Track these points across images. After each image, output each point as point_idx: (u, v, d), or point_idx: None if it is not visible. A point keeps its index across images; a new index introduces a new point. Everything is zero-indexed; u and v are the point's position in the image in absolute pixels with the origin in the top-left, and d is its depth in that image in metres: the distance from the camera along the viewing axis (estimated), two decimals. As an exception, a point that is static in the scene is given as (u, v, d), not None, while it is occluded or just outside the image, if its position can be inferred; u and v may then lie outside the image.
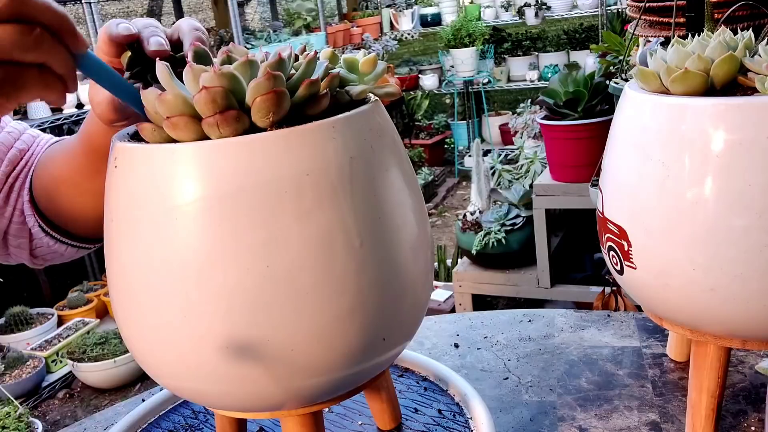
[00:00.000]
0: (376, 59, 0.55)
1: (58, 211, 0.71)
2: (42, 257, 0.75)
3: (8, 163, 0.71)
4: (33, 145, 0.74)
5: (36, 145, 0.74)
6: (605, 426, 0.70)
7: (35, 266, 0.77)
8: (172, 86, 0.48)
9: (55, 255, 0.75)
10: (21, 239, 0.72)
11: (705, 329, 0.59)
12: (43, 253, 0.74)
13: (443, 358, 0.87)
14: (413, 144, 5.43)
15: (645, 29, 1.48)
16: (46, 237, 0.72)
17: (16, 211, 0.71)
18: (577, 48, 5.23)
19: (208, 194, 0.45)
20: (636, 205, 0.58)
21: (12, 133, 0.73)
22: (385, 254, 0.49)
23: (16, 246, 0.73)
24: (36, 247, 0.73)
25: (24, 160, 0.72)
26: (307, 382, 0.49)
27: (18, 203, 0.71)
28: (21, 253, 0.74)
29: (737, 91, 0.54)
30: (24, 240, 0.73)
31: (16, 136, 0.73)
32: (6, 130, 0.73)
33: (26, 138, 0.74)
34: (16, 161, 0.72)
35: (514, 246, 2.46)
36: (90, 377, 2.87)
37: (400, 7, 5.79)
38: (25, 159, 0.72)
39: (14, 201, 0.71)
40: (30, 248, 0.73)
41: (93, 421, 0.84)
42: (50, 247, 0.73)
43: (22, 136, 0.73)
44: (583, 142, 2.15)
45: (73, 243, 0.74)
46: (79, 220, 0.72)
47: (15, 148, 0.72)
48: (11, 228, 0.72)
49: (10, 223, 0.71)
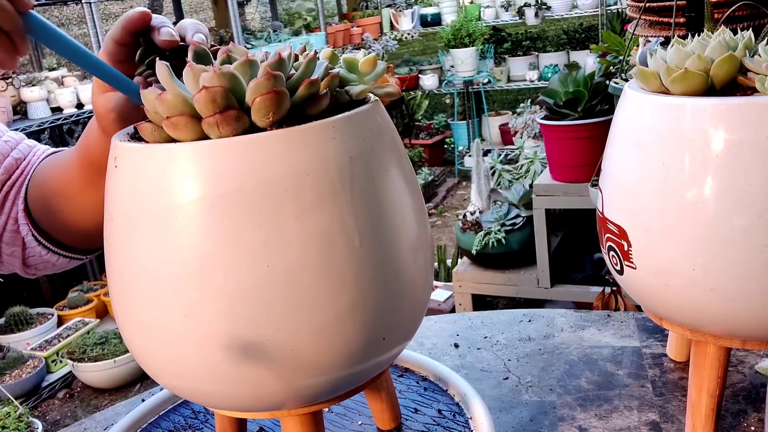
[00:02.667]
0: (376, 59, 0.55)
1: (52, 222, 0.71)
2: (34, 266, 0.75)
3: (4, 171, 0.71)
4: (29, 155, 0.74)
5: (32, 155, 0.74)
6: (605, 426, 0.70)
7: (27, 275, 0.77)
8: (172, 86, 0.48)
9: (47, 265, 0.75)
10: (14, 247, 0.73)
11: (705, 329, 0.59)
12: (35, 262, 0.74)
13: (443, 358, 0.87)
14: (413, 144, 5.44)
15: (645, 29, 1.48)
16: (38, 246, 0.72)
17: (10, 220, 0.72)
18: (577, 48, 5.23)
19: (208, 194, 0.45)
20: (636, 205, 0.58)
21: (9, 142, 0.73)
22: (385, 254, 0.49)
23: (9, 254, 0.73)
24: (29, 256, 0.74)
25: (20, 170, 0.73)
26: (307, 382, 0.49)
27: (12, 212, 0.72)
28: (13, 261, 0.74)
29: (737, 91, 0.54)
30: (17, 248, 0.73)
31: (13, 145, 0.74)
32: (2, 139, 0.73)
33: (23, 148, 0.74)
34: (11, 170, 0.72)
35: (514, 246, 2.46)
36: (90, 377, 2.87)
37: (400, 7, 5.79)
38: (20, 168, 0.73)
39: (8, 209, 0.72)
40: (23, 257, 0.74)
41: (93, 421, 0.84)
42: (42, 257, 0.73)
43: (18, 145, 0.74)
44: (583, 142, 2.15)
45: (66, 254, 0.74)
46: (72, 231, 0.72)
47: (11, 157, 0.72)
48: (5, 236, 0.72)
49: (3, 231, 0.72)
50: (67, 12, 4.84)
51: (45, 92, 3.20)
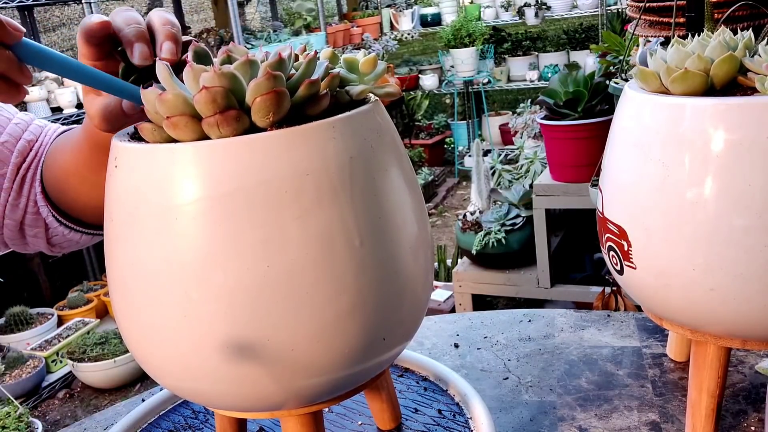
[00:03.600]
0: (376, 59, 0.55)
1: (69, 201, 0.72)
2: (59, 245, 0.76)
3: (18, 154, 0.72)
4: (41, 135, 0.74)
5: (44, 135, 0.74)
6: (605, 426, 0.70)
7: (53, 254, 0.78)
8: (172, 86, 0.48)
9: (71, 243, 0.76)
10: (37, 229, 0.74)
11: (705, 329, 0.59)
12: (59, 241, 0.75)
13: (443, 358, 0.87)
14: (413, 144, 5.44)
15: (645, 29, 1.48)
16: (60, 226, 0.73)
17: (30, 202, 0.72)
18: (577, 48, 5.23)
19: (209, 194, 0.45)
20: (636, 205, 0.58)
21: (19, 125, 0.74)
22: (385, 254, 0.49)
23: (33, 235, 0.74)
24: (52, 235, 0.75)
25: (33, 151, 0.73)
26: (307, 382, 0.49)
27: (31, 194, 0.72)
28: (38, 242, 0.75)
29: (737, 91, 0.54)
30: (40, 230, 0.74)
31: (24, 127, 0.74)
32: (13, 122, 0.73)
33: (34, 129, 0.74)
34: (25, 152, 0.72)
35: (514, 246, 2.46)
36: (90, 377, 2.87)
37: (400, 7, 5.79)
38: (34, 150, 0.73)
39: (27, 192, 0.72)
40: (47, 237, 0.75)
41: (93, 421, 0.84)
42: (65, 236, 0.74)
43: (29, 126, 0.74)
44: (583, 142, 2.15)
45: (87, 231, 0.75)
46: (88, 209, 0.72)
47: (23, 140, 0.73)
48: (26, 218, 0.73)
49: (24, 213, 0.73)
50: (69, 12, 4.84)
51: (45, 92, 3.20)
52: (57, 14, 4.79)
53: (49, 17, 4.69)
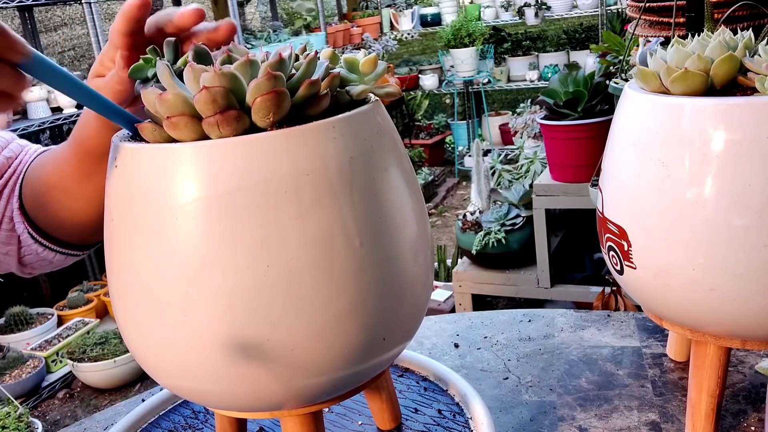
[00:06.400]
0: (377, 59, 0.55)
1: (49, 217, 0.72)
2: (30, 265, 0.75)
3: None
4: (21, 153, 0.75)
5: (24, 154, 0.75)
6: (605, 426, 0.70)
7: (23, 275, 0.77)
8: (172, 86, 0.48)
9: (43, 263, 0.75)
10: (9, 247, 0.73)
11: (705, 329, 0.59)
12: (31, 260, 0.74)
13: (443, 358, 0.88)
14: (413, 144, 5.44)
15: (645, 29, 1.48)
16: (35, 244, 0.72)
17: (5, 219, 0.72)
18: (577, 48, 5.23)
19: (208, 194, 0.45)
20: (636, 205, 0.58)
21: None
22: (385, 254, 0.49)
23: (4, 253, 0.73)
24: (24, 254, 0.74)
25: (12, 168, 0.73)
26: (307, 382, 0.49)
27: (7, 210, 0.72)
28: (9, 260, 0.74)
29: (737, 91, 0.54)
30: (13, 248, 0.73)
31: (4, 144, 0.74)
32: None
33: (14, 147, 0.75)
34: (3, 169, 0.73)
35: (514, 246, 2.46)
36: (90, 377, 2.87)
37: (400, 7, 5.79)
38: (12, 167, 0.73)
39: (2, 208, 0.72)
40: (18, 256, 0.74)
41: (93, 421, 0.84)
42: (38, 255, 0.74)
43: (9, 145, 0.75)
44: (583, 142, 2.16)
45: (62, 250, 0.74)
46: (69, 225, 0.72)
47: (2, 156, 0.73)
48: (0, 235, 0.72)
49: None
50: (70, 12, 4.84)
51: (45, 92, 3.20)
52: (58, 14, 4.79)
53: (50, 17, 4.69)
